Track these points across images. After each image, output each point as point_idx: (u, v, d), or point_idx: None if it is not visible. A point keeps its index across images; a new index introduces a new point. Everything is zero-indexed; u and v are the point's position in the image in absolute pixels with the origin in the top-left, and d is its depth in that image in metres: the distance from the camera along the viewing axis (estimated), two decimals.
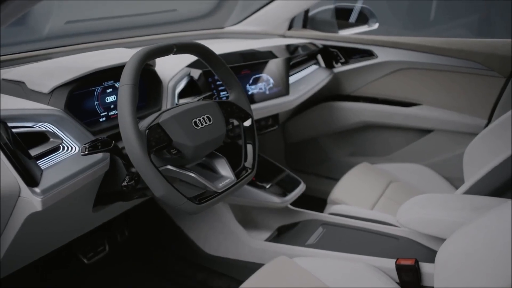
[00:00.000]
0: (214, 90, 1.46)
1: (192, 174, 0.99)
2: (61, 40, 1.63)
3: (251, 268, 1.27)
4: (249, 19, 2.16)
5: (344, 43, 2.08)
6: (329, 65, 2.14)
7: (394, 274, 1.23)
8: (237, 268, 1.61)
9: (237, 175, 1.09)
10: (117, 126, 0.93)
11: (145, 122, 0.95)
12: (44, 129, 0.95)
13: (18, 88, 1.05)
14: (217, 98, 1.45)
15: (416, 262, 1.21)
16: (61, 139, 0.97)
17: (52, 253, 1.24)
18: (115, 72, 1.12)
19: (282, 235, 1.65)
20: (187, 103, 1.06)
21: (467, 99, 1.90)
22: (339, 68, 2.13)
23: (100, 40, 1.57)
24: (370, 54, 2.04)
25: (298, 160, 2.44)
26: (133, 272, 1.80)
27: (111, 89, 1.17)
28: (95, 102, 1.14)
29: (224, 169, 1.08)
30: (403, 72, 2.00)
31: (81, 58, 1.19)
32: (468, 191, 1.37)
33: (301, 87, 1.86)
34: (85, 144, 0.91)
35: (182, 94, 1.32)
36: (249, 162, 1.15)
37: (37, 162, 0.90)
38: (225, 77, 1.14)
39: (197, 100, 1.18)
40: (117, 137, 0.97)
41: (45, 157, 0.93)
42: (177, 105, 1.11)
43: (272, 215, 1.72)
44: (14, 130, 0.88)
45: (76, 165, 0.95)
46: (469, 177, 1.47)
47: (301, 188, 1.69)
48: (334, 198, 1.75)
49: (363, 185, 1.81)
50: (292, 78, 1.86)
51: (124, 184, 1.00)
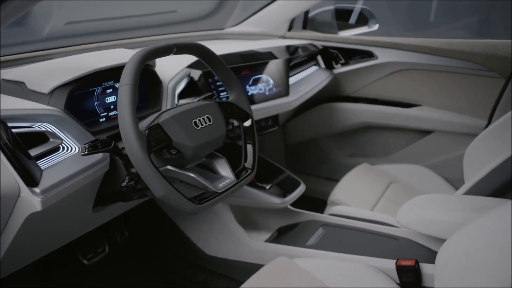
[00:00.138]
0: (214, 91, 1.46)
1: (192, 175, 0.99)
2: (61, 41, 1.63)
3: (251, 269, 1.27)
4: (249, 20, 2.16)
5: (344, 44, 2.08)
6: (329, 66, 2.14)
7: (394, 274, 1.23)
8: (237, 269, 1.61)
9: (237, 175, 1.09)
10: (117, 127, 0.92)
11: (145, 122, 0.95)
12: (44, 129, 0.95)
13: (18, 89, 1.05)
14: (217, 98, 1.45)
15: (417, 262, 1.20)
16: (61, 139, 0.97)
17: (52, 254, 1.24)
18: (115, 72, 1.12)
19: (282, 236, 1.64)
20: (187, 103, 1.06)
21: (467, 100, 1.89)
22: (339, 69, 2.13)
23: (100, 41, 1.57)
24: (370, 55, 2.04)
25: (298, 161, 2.44)
26: (133, 273, 1.80)
27: (111, 90, 1.17)
28: (95, 103, 1.14)
29: (224, 170, 1.08)
30: (403, 73, 2.00)
31: (81, 58, 1.19)
32: (468, 192, 1.37)
33: (301, 88, 1.86)
34: (85, 144, 0.91)
35: (182, 95, 1.32)
36: (249, 163, 1.15)
37: (37, 162, 0.90)
38: (225, 77, 1.14)
39: (197, 101, 1.18)
40: (117, 138, 0.96)
41: (45, 157, 0.93)
42: (177, 105, 1.11)
43: (272, 216, 1.72)
44: (14, 130, 0.88)
45: (76, 165, 0.95)
46: (469, 178, 1.47)
47: (301, 189, 1.69)
48: (334, 199, 1.75)
49: (363, 186, 1.81)
50: (292, 79, 1.86)
51: (124, 184, 1.00)
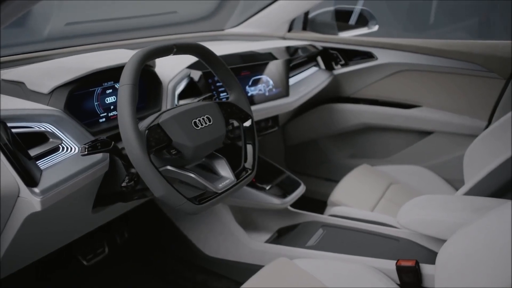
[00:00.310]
0: (214, 91, 1.46)
1: (192, 175, 0.99)
2: (61, 41, 1.63)
3: (251, 270, 1.27)
4: (249, 21, 2.16)
5: (344, 45, 2.08)
6: (329, 67, 2.14)
7: (395, 275, 1.23)
8: (237, 270, 1.61)
9: (237, 175, 1.09)
10: (117, 127, 0.92)
11: (145, 123, 0.95)
12: (44, 129, 0.95)
13: (17, 89, 1.05)
14: (217, 99, 1.45)
15: (417, 263, 1.20)
16: (61, 139, 0.97)
17: (52, 255, 1.24)
18: (115, 72, 1.12)
19: (282, 236, 1.64)
20: (187, 103, 1.05)
21: (467, 101, 1.89)
22: (339, 70, 2.13)
23: (100, 42, 1.57)
24: (370, 56, 2.04)
25: (298, 162, 2.44)
26: (133, 274, 1.79)
27: (111, 90, 1.17)
28: (95, 103, 1.14)
29: (224, 170, 1.08)
30: (403, 74, 2.00)
31: (81, 58, 1.19)
32: (468, 192, 1.37)
33: (301, 88, 1.86)
34: (85, 144, 0.91)
35: (182, 95, 1.32)
36: (249, 163, 1.15)
37: (37, 162, 0.90)
38: (225, 77, 1.14)
39: (197, 101, 1.18)
40: (117, 138, 0.96)
41: (44, 157, 0.93)
42: (177, 105, 1.11)
43: (272, 217, 1.72)
44: (14, 130, 0.88)
45: (76, 166, 0.95)
46: (469, 179, 1.46)
47: (301, 190, 1.69)
48: (334, 199, 1.74)
49: (363, 187, 1.81)
50: (292, 80, 1.86)
51: (124, 184, 1.00)
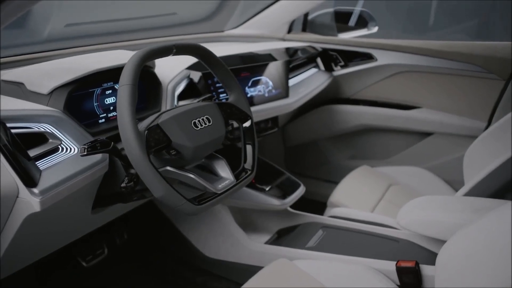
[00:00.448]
0: (214, 92, 1.46)
1: (192, 175, 0.98)
2: (61, 42, 1.63)
3: (251, 271, 1.26)
4: (249, 23, 2.16)
5: (344, 46, 2.08)
6: (329, 68, 2.14)
7: (395, 276, 1.23)
8: (237, 271, 1.60)
9: (237, 176, 1.09)
10: (116, 128, 0.92)
11: (145, 123, 0.95)
12: (43, 130, 0.95)
13: (17, 89, 1.05)
14: (217, 100, 1.45)
15: (417, 264, 1.20)
16: (60, 140, 0.96)
17: (51, 255, 1.23)
18: (114, 73, 1.12)
19: (281, 238, 1.64)
20: (186, 104, 1.05)
21: (466, 102, 1.89)
22: (339, 71, 2.13)
23: (99, 43, 1.57)
24: (369, 57, 2.04)
25: (297, 163, 2.44)
26: (132, 275, 1.79)
27: (110, 91, 1.17)
28: (95, 104, 1.13)
29: (224, 171, 1.08)
30: (403, 75, 2.00)
31: (81, 59, 1.19)
32: (468, 193, 1.37)
33: (300, 89, 1.86)
34: (84, 144, 0.91)
35: (181, 96, 1.32)
36: (248, 164, 1.15)
37: (36, 163, 0.90)
38: (224, 78, 1.14)
39: (197, 102, 1.18)
40: (116, 139, 0.96)
41: (44, 158, 0.92)
42: (176, 106, 1.11)
43: (271, 218, 1.71)
44: (13, 130, 0.87)
45: (75, 166, 0.95)
46: (469, 180, 1.46)
47: (300, 191, 1.68)
48: (334, 201, 1.74)
49: (363, 188, 1.81)
50: (292, 81, 1.86)
51: (123, 185, 0.99)
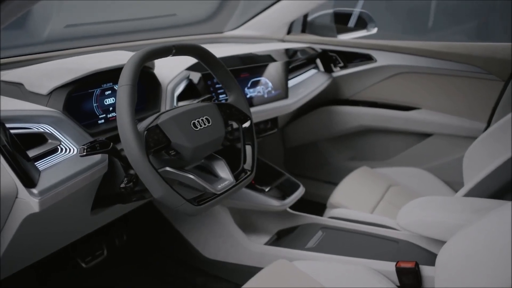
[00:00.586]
0: (213, 93, 1.46)
1: (191, 176, 0.98)
2: (60, 43, 1.63)
3: (251, 272, 1.26)
4: (248, 24, 2.16)
5: (343, 48, 2.08)
6: (328, 69, 2.14)
7: (394, 277, 1.22)
8: (236, 272, 1.60)
9: (236, 177, 1.09)
10: (115, 128, 0.92)
11: (144, 123, 0.95)
12: (42, 130, 0.95)
13: (16, 90, 1.05)
14: (216, 100, 1.45)
15: (417, 264, 1.20)
16: (60, 140, 0.96)
17: (51, 256, 1.23)
18: (114, 74, 1.12)
19: (281, 239, 1.64)
20: (186, 105, 1.05)
21: (466, 103, 1.90)
22: (338, 72, 2.13)
23: (99, 44, 1.57)
24: (369, 58, 2.05)
25: (297, 165, 2.44)
26: (132, 276, 1.79)
27: (110, 91, 1.17)
28: (94, 104, 1.13)
29: (223, 171, 1.08)
30: (402, 76, 2.00)
31: (80, 60, 1.19)
32: (468, 194, 1.37)
33: (300, 90, 1.86)
34: (84, 145, 0.90)
35: (181, 97, 1.32)
36: (248, 164, 1.15)
37: (35, 163, 0.90)
38: (224, 79, 1.14)
39: (196, 102, 1.18)
40: (116, 139, 0.96)
41: (43, 158, 0.92)
42: (176, 107, 1.11)
43: (271, 219, 1.71)
44: (12, 131, 0.87)
45: (74, 167, 0.95)
46: (469, 181, 1.46)
47: (300, 192, 1.68)
48: (333, 201, 1.74)
49: (363, 189, 1.81)
50: (291, 82, 1.86)
51: (122, 185, 0.99)
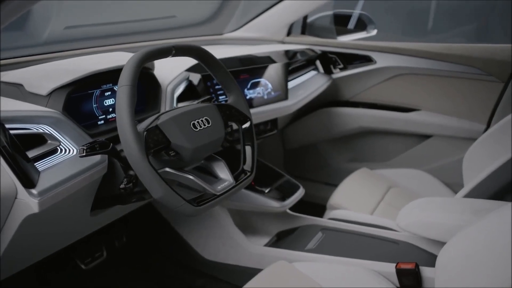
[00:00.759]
0: (213, 94, 1.46)
1: (191, 177, 0.98)
2: (60, 45, 1.63)
3: (250, 274, 1.26)
4: (248, 26, 2.17)
5: (343, 49, 2.09)
6: (328, 71, 2.14)
7: (394, 278, 1.22)
8: (236, 274, 1.60)
9: (236, 178, 1.09)
10: (115, 129, 0.92)
11: (144, 124, 0.95)
12: (42, 131, 0.95)
13: (16, 91, 1.05)
14: (216, 102, 1.45)
15: (417, 266, 1.20)
16: (59, 141, 0.96)
17: (50, 257, 1.23)
18: (113, 75, 1.12)
19: (281, 240, 1.63)
20: (186, 105, 1.05)
21: (466, 104, 1.90)
22: (338, 73, 2.13)
23: (99, 46, 1.57)
24: (368, 60, 2.05)
25: (297, 166, 2.44)
26: (131, 278, 1.78)
27: (109, 92, 1.17)
28: (94, 105, 1.13)
29: (223, 172, 1.08)
30: (402, 78, 2.00)
31: (80, 61, 1.19)
32: (468, 195, 1.37)
33: (299, 92, 1.86)
34: (83, 145, 0.90)
35: (180, 98, 1.32)
36: (248, 165, 1.14)
37: (35, 164, 0.90)
38: (223, 80, 1.14)
39: (196, 103, 1.18)
40: (115, 140, 0.96)
41: (42, 159, 0.92)
42: (175, 108, 1.11)
43: (271, 220, 1.71)
44: (12, 132, 0.87)
45: (74, 168, 0.95)
46: (468, 182, 1.46)
47: (300, 193, 1.68)
48: (333, 203, 1.74)
49: (363, 190, 1.80)
50: (291, 83, 1.86)
51: (122, 186, 0.99)
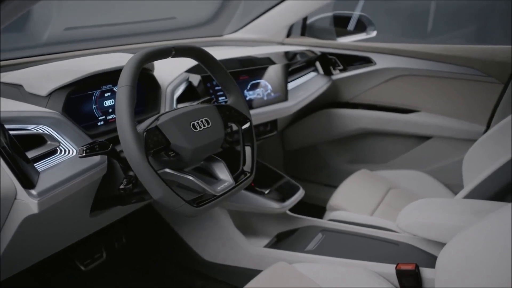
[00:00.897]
0: (213, 95, 1.46)
1: (191, 177, 0.98)
2: (60, 46, 1.63)
3: (250, 275, 1.26)
4: (248, 27, 2.17)
5: (343, 50, 2.09)
6: (328, 72, 2.15)
7: (394, 279, 1.22)
8: (236, 275, 1.59)
9: (236, 178, 1.08)
10: (115, 130, 0.92)
11: (143, 125, 0.94)
12: (42, 131, 0.95)
13: (16, 91, 1.05)
14: (216, 103, 1.44)
15: (417, 267, 1.19)
16: (59, 142, 0.96)
17: (50, 258, 1.23)
18: (113, 75, 1.12)
19: (281, 241, 1.63)
20: (185, 106, 1.05)
21: (465, 106, 1.90)
22: (338, 75, 2.13)
23: (99, 47, 1.57)
24: (368, 61, 2.05)
25: (296, 168, 2.44)
26: (131, 279, 1.78)
27: (109, 93, 1.17)
28: (93, 106, 1.13)
29: (223, 173, 1.07)
30: (402, 79, 2.00)
31: (79, 61, 1.19)
32: (468, 196, 1.37)
33: (299, 93, 1.86)
34: (83, 146, 0.90)
35: (180, 99, 1.32)
36: (247, 166, 1.14)
37: (34, 164, 0.90)
38: (223, 81, 1.14)
39: (196, 104, 1.17)
40: (115, 141, 0.96)
41: (42, 159, 0.92)
42: (175, 108, 1.11)
43: (271, 222, 1.71)
44: (12, 132, 0.87)
45: (73, 168, 0.95)
46: (468, 183, 1.46)
47: (300, 194, 1.68)
48: (333, 204, 1.74)
49: (362, 191, 1.80)
50: (291, 85, 1.86)
51: (122, 187, 0.99)
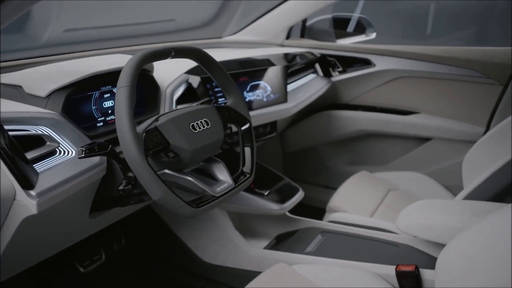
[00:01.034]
0: (212, 97, 1.46)
1: (190, 178, 0.98)
2: (60, 48, 1.63)
3: (250, 276, 1.25)
4: (248, 29, 2.17)
5: (342, 52, 2.09)
6: (327, 74, 2.15)
7: (394, 280, 1.22)
8: (236, 276, 1.59)
9: (235, 180, 1.08)
10: (114, 131, 0.92)
11: (143, 125, 0.94)
12: (41, 132, 0.95)
13: (15, 92, 1.05)
14: (215, 104, 1.44)
15: (417, 268, 1.19)
16: (58, 142, 0.96)
17: (48, 260, 1.22)
18: (113, 76, 1.11)
19: (280, 243, 1.63)
20: (185, 107, 1.05)
21: (465, 107, 1.90)
22: (337, 77, 2.13)
23: (98, 49, 1.57)
24: (368, 63, 2.05)
25: (296, 169, 2.44)
26: (130, 281, 1.77)
27: (108, 94, 1.17)
28: (93, 107, 1.13)
29: (222, 174, 1.07)
30: (401, 81, 2.00)
31: (79, 63, 1.19)
32: (468, 197, 1.37)
33: (299, 95, 1.86)
34: (82, 147, 0.90)
35: (180, 100, 1.32)
36: (247, 167, 1.14)
37: (34, 165, 0.90)
38: (223, 82, 1.14)
39: (195, 105, 1.18)
40: (114, 142, 0.96)
41: (41, 160, 0.92)
42: (175, 109, 1.11)
43: (270, 223, 1.71)
44: (11, 133, 0.87)
45: (72, 169, 0.94)
46: (468, 184, 1.46)
47: (299, 195, 1.68)
48: (333, 205, 1.74)
49: (362, 193, 1.80)
50: (290, 86, 1.86)
51: (121, 188, 0.99)
